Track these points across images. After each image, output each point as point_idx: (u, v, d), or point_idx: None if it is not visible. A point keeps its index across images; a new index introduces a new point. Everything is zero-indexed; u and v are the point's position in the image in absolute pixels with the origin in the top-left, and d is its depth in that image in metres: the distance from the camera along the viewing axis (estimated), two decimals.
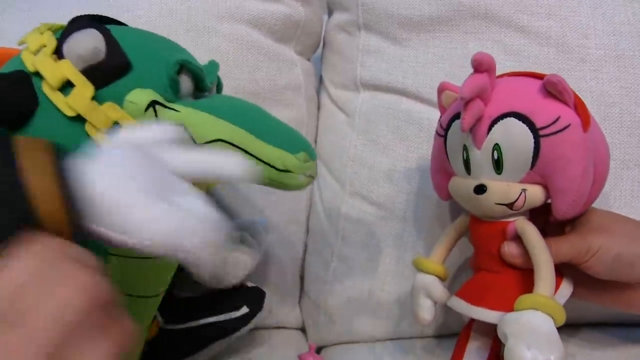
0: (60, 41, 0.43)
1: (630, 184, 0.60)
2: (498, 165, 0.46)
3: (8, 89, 0.41)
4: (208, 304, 0.58)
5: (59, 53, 0.43)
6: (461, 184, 0.49)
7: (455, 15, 0.65)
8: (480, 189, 0.47)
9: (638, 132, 0.61)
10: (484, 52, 0.44)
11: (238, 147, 0.43)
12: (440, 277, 0.53)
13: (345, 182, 0.69)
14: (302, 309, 0.74)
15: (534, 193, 0.47)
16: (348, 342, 0.69)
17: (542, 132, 0.44)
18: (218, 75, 0.51)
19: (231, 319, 0.57)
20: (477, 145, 0.47)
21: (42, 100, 0.42)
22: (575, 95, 0.46)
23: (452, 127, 0.50)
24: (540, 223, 0.49)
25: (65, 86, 0.42)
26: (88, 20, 0.45)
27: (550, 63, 0.62)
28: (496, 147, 0.46)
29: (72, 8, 0.65)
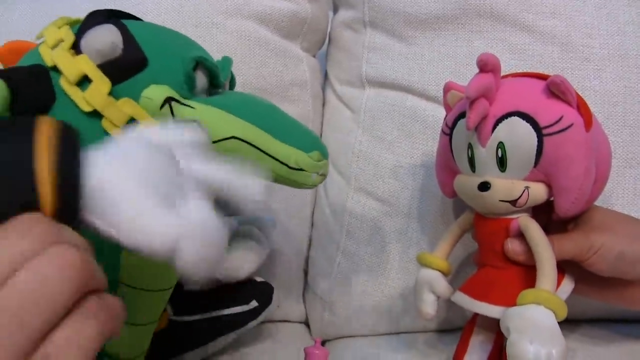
0: (78, 36, 0.42)
1: (633, 182, 0.61)
2: (502, 163, 0.47)
3: (27, 82, 0.41)
4: (218, 298, 0.58)
5: (76, 48, 0.42)
6: (466, 182, 0.50)
7: (460, 13, 0.65)
8: (484, 186, 0.47)
9: None
10: (489, 53, 0.45)
11: (251, 144, 0.43)
12: (443, 273, 0.54)
13: (351, 178, 0.69)
14: (306, 303, 0.74)
15: (537, 191, 0.47)
16: (351, 336, 0.69)
17: (545, 131, 0.45)
18: (232, 71, 0.51)
19: (240, 313, 0.57)
20: (482, 144, 0.47)
21: (59, 95, 0.42)
22: (578, 96, 0.46)
23: (457, 125, 0.50)
24: (543, 220, 0.49)
25: (83, 81, 0.42)
26: (105, 15, 0.45)
27: (554, 62, 0.62)
28: (500, 145, 0.46)
29: (83, 3, 0.65)
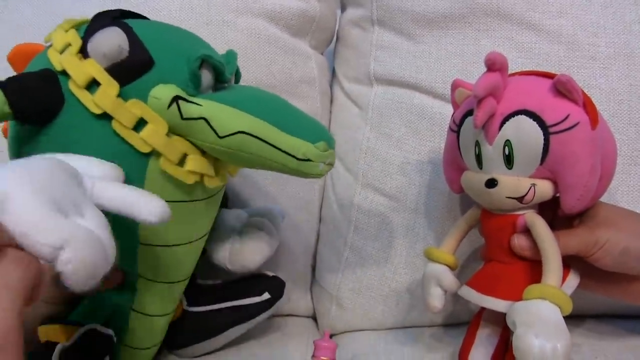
0: (85, 40, 0.44)
1: (638, 179, 0.61)
2: (509, 160, 0.47)
3: (38, 87, 0.42)
4: (231, 289, 0.59)
5: (83, 51, 0.43)
6: (473, 178, 0.51)
7: (468, 12, 0.66)
8: (491, 183, 0.48)
9: None
10: (497, 52, 0.45)
11: (259, 138, 0.44)
12: (450, 267, 0.54)
13: (358, 174, 0.70)
14: (314, 297, 0.74)
15: (543, 188, 0.47)
16: (358, 330, 0.69)
17: (551, 130, 0.45)
18: (237, 64, 0.51)
19: (252, 304, 0.58)
20: (489, 141, 0.48)
21: (67, 98, 0.43)
22: (584, 94, 0.47)
23: (465, 123, 0.51)
24: (549, 216, 0.50)
25: (91, 84, 0.43)
26: (110, 17, 0.45)
27: (560, 60, 0.63)
28: (507, 143, 0.47)
29: (95, 2, 0.66)
